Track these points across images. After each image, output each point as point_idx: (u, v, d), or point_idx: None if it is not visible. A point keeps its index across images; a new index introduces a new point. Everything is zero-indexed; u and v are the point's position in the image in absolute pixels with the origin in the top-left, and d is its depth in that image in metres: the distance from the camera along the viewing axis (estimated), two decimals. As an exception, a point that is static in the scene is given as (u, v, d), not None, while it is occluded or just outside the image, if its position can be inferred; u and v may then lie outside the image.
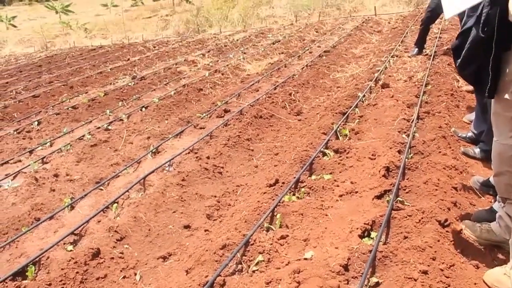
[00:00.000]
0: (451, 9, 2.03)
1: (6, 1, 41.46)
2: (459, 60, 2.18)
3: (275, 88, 6.32)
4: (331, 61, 7.68)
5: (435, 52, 7.03)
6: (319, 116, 4.93)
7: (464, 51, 2.13)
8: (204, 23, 15.99)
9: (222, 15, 16.23)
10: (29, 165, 4.62)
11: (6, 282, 2.60)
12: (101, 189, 3.83)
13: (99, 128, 5.54)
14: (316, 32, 11.60)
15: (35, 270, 2.72)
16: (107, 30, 19.34)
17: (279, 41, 10.76)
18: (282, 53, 9.18)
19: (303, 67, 7.50)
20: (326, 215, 2.77)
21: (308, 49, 9.22)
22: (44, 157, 4.82)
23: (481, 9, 2.02)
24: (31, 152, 5.14)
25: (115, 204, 3.40)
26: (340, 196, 2.98)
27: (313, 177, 3.39)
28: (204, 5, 18.97)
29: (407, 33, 9.35)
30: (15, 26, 25.22)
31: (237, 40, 12.02)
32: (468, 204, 2.91)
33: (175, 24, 17.11)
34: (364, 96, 5.33)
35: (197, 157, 4.11)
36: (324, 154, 3.77)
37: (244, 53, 9.73)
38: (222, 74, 7.83)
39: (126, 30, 17.86)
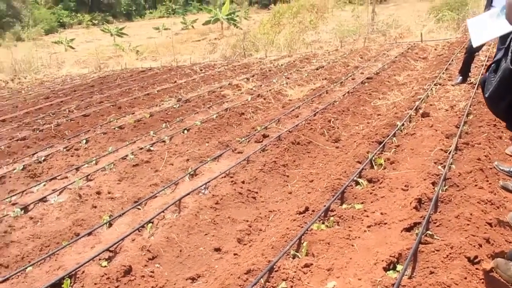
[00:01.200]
0: (479, 38, 2.02)
1: (66, 24, 43.71)
2: (488, 94, 2.06)
3: (314, 115, 6.38)
4: (373, 88, 7.67)
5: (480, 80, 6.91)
6: (355, 144, 4.94)
7: (493, 85, 2.02)
8: (251, 48, 16.29)
9: (268, 40, 16.50)
10: (75, 181, 4.86)
11: (44, 294, 2.76)
12: (139, 208, 3.98)
13: (142, 148, 5.75)
14: (361, 58, 11.61)
15: (70, 283, 2.87)
16: (157, 53, 20.01)
17: (323, 66, 10.84)
18: (325, 79, 9.24)
19: (345, 94, 7.53)
20: (353, 245, 2.78)
21: (351, 76, 9.24)
22: (89, 175, 5.05)
23: (509, 40, 1.96)
24: (77, 169, 5.41)
25: (150, 224, 3.53)
26: (369, 226, 2.99)
27: (344, 206, 3.41)
28: (251, 30, 19.36)
29: (452, 60, 9.22)
30: (73, 48, 26.51)
31: (281, 65, 12.18)
32: (503, 241, 2.80)
33: (222, 48, 17.52)
34: (403, 125, 5.31)
35: (232, 181, 4.21)
36: (357, 183, 3.78)
37: (288, 78, 9.86)
38: (264, 99, 7.97)
39: (175, 53, 18.42)
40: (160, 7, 55.63)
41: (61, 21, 44.60)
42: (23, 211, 4.33)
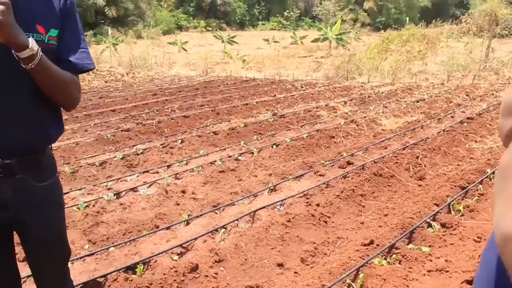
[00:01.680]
0: None
1: (183, 27, 46.35)
2: None
3: (404, 148, 6.31)
4: (472, 130, 7.39)
5: None
6: (438, 185, 4.84)
7: None
8: (354, 71, 16.25)
9: (373, 65, 16.36)
10: (164, 178, 5.27)
11: (120, 273, 3.09)
12: (216, 213, 4.25)
13: (230, 156, 6.06)
14: (466, 95, 11.16)
15: (143, 269, 3.18)
16: (263, 64, 20.59)
17: (424, 99, 10.59)
18: (423, 112, 9.04)
19: (440, 131, 7.34)
20: (408, 286, 2.80)
21: (451, 113, 8.95)
22: (178, 173, 5.44)
23: None
24: (168, 166, 5.83)
25: (223, 229, 3.77)
26: (429, 271, 2.98)
27: (410, 246, 3.41)
28: (358, 53, 19.30)
29: None
30: (185, 50, 28.07)
31: (382, 92, 12.06)
32: None
33: (326, 67, 17.64)
34: (493, 173, 5.11)
35: (307, 203, 4.34)
36: (430, 226, 3.74)
37: (385, 107, 9.77)
38: (357, 125, 7.99)
39: (280, 66, 18.86)
40: (273, 19, 57.06)
41: (178, 23, 47.40)
42: (115, 196, 4.79)
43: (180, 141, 6.96)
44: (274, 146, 6.62)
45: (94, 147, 6.80)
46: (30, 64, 1.48)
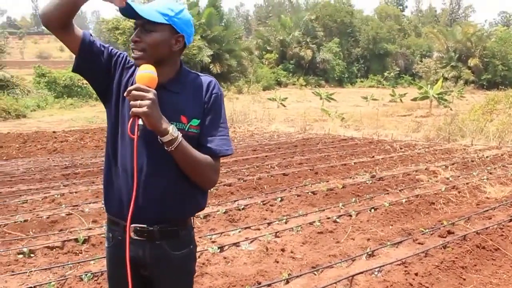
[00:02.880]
0: None
1: (282, 83, 47.93)
2: None
3: (510, 220, 6.07)
4: None
5: None
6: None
7: None
8: (457, 132, 15.77)
9: (477, 127, 15.78)
10: (265, 235, 5.55)
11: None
12: (315, 274, 4.42)
13: (329, 218, 6.23)
14: None
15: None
16: (361, 123, 20.65)
17: (535, 167, 10.04)
18: (533, 182, 8.59)
19: (552, 204, 6.95)
20: None
21: None
22: (278, 232, 5.70)
23: None
24: (269, 224, 6.12)
25: (322, 292, 3.92)
26: None
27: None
28: (460, 113, 18.73)
29: None
30: (284, 106, 28.93)
31: (486, 156, 11.60)
32: None
33: (426, 128, 17.31)
34: None
35: (406, 271, 4.37)
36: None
37: (490, 173, 9.41)
38: (459, 192, 7.80)
39: (378, 125, 18.82)
40: (371, 76, 57.09)
41: (278, 80, 49.05)
42: (219, 250, 5.14)
43: (279, 199, 7.25)
44: (372, 210, 6.68)
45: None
46: (171, 147, 1.82)
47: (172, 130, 1.81)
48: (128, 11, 1.87)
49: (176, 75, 2.01)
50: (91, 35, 1.98)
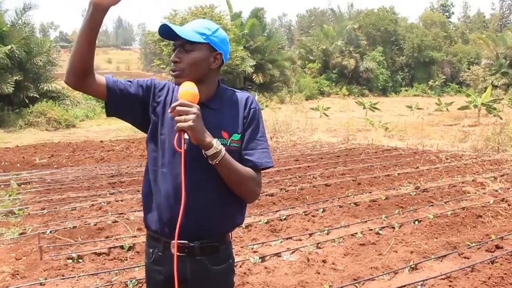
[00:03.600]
0: None
1: (325, 93, 47.68)
2: None
3: None
4: None
5: None
6: None
7: None
8: (507, 142, 15.20)
9: (529, 137, 15.18)
10: (306, 246, 5.55)
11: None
12: (356, 286, 4.38)
13: (371, 230, 6.16)
14: None
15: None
16: (405, 132, 20.25)
17: None
18: None
19: None
20: None
21: None
22: (319, 243, 5.69)
23: None
24: (310, 234, 6.11)
25: (364, 305, 3.88)
26: None
27: None
28: (511, 123, 18.05)
29: None
30: (327, 116, 28.74)
31: (539, 168, 11.16)
32: None
33: (474, 138, 16.77)
34: None
35: (450, 286, 4.28)
36: None
37: (543, 185, 9.05)
38: (509, 204, 7.53)
39: (423, 135, 18.39)
40: (416, 85, 55.93)
41: (321, 89, 48.83)
42: (260, 260, 5.18)
43: (321, 209, 7.22)
44: (416, 222, 6.55)
45: (242, 210, 7.34)
46: (215, 160, 1.89)
47: (216, 144, 1.88)
48: (166, 33, 1.97)
49: (215, 92, 2.09)
50: (113, 76, 2.07)
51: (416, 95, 52.63)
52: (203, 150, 1.89)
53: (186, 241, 1.98)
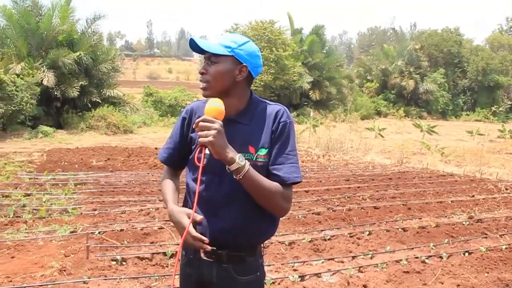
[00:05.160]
0: None
1: (382, 113, 46.79)
2: None
3: None
4: None
5: None
6: None
7: None
8: None
9: None
10: (348, 268, 5.43)
11: None
12: (397, 317, 4.23)
13: (417, 258, 5.95)
14: None
15: None
16: (463, 158, 19.52)
17: None
18: None
19: None
20: None
21: None
22: (362, 267, 5.55)
23: None
24: (353, 257, 5.98)
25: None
26: None
27: None
28: None
29: None
30: (382, 136, 28.19)
31: None
32: None
33: (538, 169, 15.95)
34: None
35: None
36: None
37: None
38: None
39: (482, 163, 17.63)
40: (479, 110, 53.79)
41: (378, 109, 47.93)
42: (300, 278, 5.13)
43: (367, 232, 7.06)
44: (466, 254, 6.27)
45: (286, 226, 7.31)
46: (238, 175, 1.92)
47: (239, 159, 1.91)
48: (195, 47, 2.07)
49: (245, 106, 2.12)
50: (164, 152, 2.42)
51: (477, 120, 50.63)
52: (226, 165, 1.93)
53: (215, 248, 2.03)
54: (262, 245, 2.21)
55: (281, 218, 2.25)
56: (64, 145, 18.41)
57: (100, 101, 24.85)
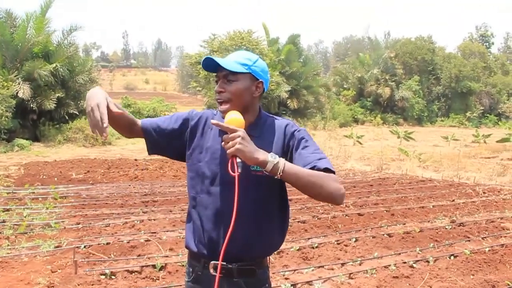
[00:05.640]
0: None
1: (359, 120, 47.33)
2: None
3: None
4: None
5: None
6: None
7: None
8: (548, 179, 14.73)
9: None
10: (338, 275, 5.46)
11: None
12: (390, 322, 4.26)
13: (405, 263, 6.02)
14: None
15: None
16: (440, 164, 19.83)
17: None
18: None
19: None
20: None
21: None
22: (352, 273, 5.59)
23: None
24: (342, 264, 6.02)
25: None
26: None
27: None
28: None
29: None
30: (360, 144, 28.48)
31: None
32: None
33: (514, 172, 16.31)
34: None
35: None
36: None
37: None
38: (551, 243, 7.25)
39: (459, 167, 17.95)
40: (453, 116, 54.93)
41: (355, 117, 48.53)
42: (292, 287, 5.13)
43: (354, 239, 7.12)
44: (452, 257, 6.37)
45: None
46: (278, 173, 1.87)
47: (271, 158, 1.87)
48: (209, 66, 2.07)
49: (255, 119, 2.14)
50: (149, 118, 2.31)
51: (452, 126, 51.65)
52: (263, 170, 1.89)
53: (224, 263, 2.01)
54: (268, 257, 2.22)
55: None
56: (41, 158, 18.11)
57: (77, 113, 24.53)
